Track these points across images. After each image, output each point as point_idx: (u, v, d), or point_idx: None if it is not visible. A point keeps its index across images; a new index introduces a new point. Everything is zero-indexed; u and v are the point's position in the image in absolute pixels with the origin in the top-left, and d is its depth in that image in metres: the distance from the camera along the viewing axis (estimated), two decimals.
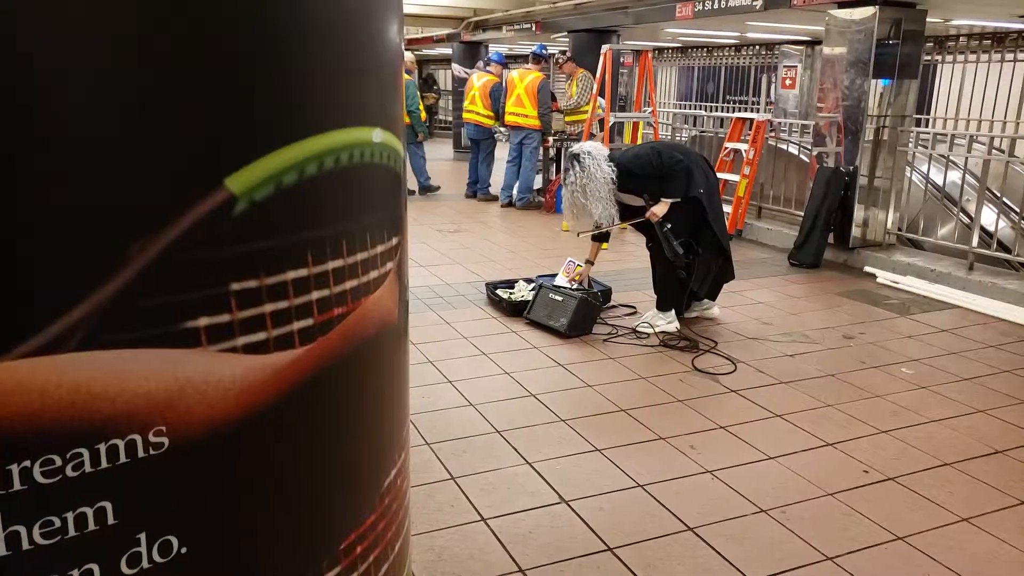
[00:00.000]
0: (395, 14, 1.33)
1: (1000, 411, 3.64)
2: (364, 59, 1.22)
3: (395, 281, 1.36)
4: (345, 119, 1.17)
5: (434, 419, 3.40)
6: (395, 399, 1.45)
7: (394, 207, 1.35)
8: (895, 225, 6.70)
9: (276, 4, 1.06)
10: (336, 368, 1.21)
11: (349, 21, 1.17)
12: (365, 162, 1.21)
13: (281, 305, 1.10)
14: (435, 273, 5.93)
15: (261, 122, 1.06)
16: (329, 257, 1.16)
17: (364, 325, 1.24)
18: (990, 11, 7.99)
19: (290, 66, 1.08)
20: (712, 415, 3.52)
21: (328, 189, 1.15)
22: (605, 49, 7.77)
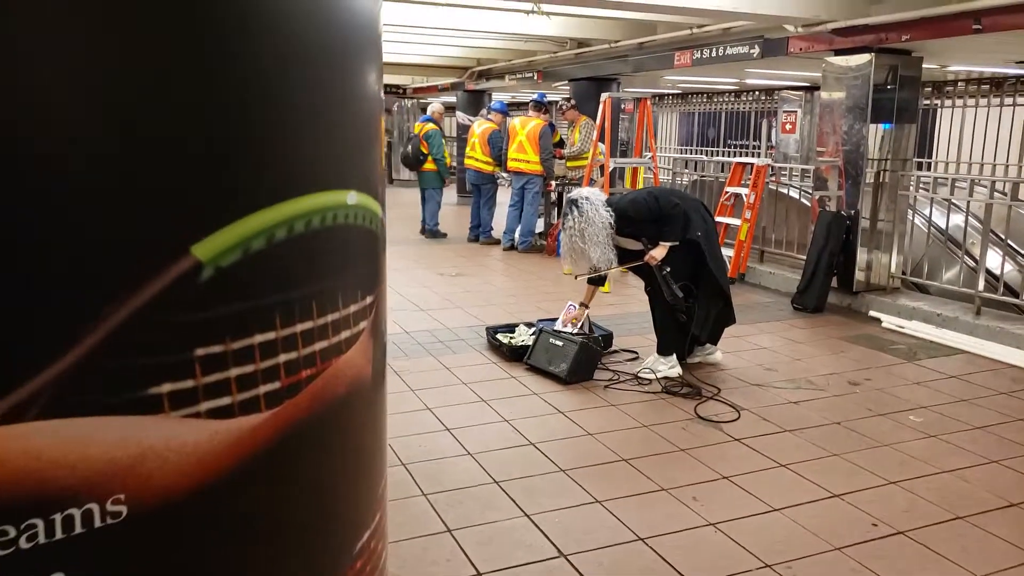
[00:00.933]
0: (372, 65, 1.33)
1: (1014, 461, 3.54)
2: (337, 122, 1.23)
3: (369, 340, 1.34)
4: (317, 183, 1.17)
5: (431, 468, 3.32)
6: (370, 458, 1.41)
7: (369, 266, 1.35)
8: (899, 269, 6.65)
9: (243, 69, 1.06)
10: (305, 430, 1.18)
11: (321, 84, 1.18)
12: (338, 224, 1.22)
13: (247, 369, 1.09)
14: (436, 317, 5.89)
15: (229, 191, 1.06)
16: (298, 319, 1.15)
17: (334, 386, 1.23)
18: (985, 57, 8.06)
19: (259, 134, 1.09)
20: (715, 465, 3.43)
21: (298, 252, 1.15)
22: (605, 97, 7.83)
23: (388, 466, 3.25)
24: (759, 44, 7.22)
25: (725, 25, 7.23)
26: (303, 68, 1.14)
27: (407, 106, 17.98)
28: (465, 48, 10.92)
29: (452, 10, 7.57)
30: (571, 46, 9.77)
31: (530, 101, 9.27)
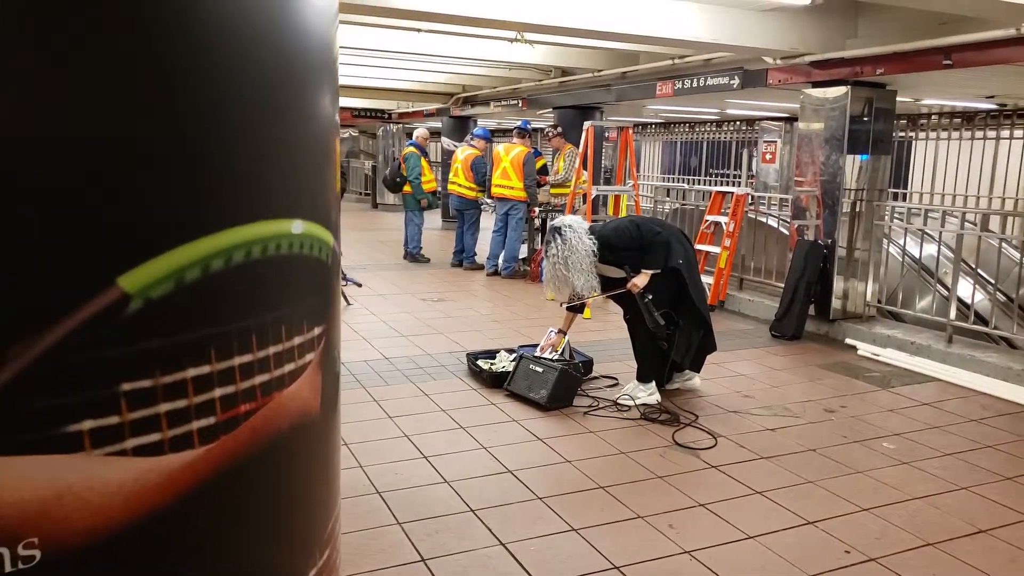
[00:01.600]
0: (325, 87, 1.29)
1: (984, 488, 3.60)
2: (282, 148, 1.19)
3: (317, 373, 1.31)
4: (259, 212, 1.13)
5: (407, 497, 3.32)
6: (318, 494, 1.38)
7: (318, 297, 1.31)
8: (875, 297, 6.75)
9: (174, 91, 1.02)
10: (245, 466, 1.14)
11: (264, 107, 1.14)
12: (282, 254, 1.18)
13: (179, 404, 1.05)
14: (416, 343, 5.90)
15: (160, 220, 1.02)
16: (236, 352, 1.11)
17: (277, 420, 1.19)
18: (956, 92, 8.25)
19: (193, 161, 1.05)
20: (692, 492, 3.46)
21: (237, 283, 1.10)
22: (587, 125, 7.93)
23: (363, 495, 3.26)
24: (739, 75, 7.36)
25: (706, 56, 7.36)
26: (243, 89, 1.09)
27: (392, 131, 18.07)
28: (450, 74, 11.03)
29: (437, 37, 7.66)
30: (555, 74, 9.90)
31: (514, 128, 9.38)
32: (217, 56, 1.07)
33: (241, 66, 1.10)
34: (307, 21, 1.22)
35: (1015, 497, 3.51)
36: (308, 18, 1.22)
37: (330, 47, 1.33)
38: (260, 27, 1.13)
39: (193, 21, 1.03)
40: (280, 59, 1.17)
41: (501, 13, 5.26)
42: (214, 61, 1.06)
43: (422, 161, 10.07)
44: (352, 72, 10.86)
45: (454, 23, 5.90)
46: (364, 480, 3.46)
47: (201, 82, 1.05)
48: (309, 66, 1.24)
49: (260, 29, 1.13)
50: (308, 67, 1.24)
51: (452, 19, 5.45)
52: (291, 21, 1.19)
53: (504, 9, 5.24)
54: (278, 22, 1.16)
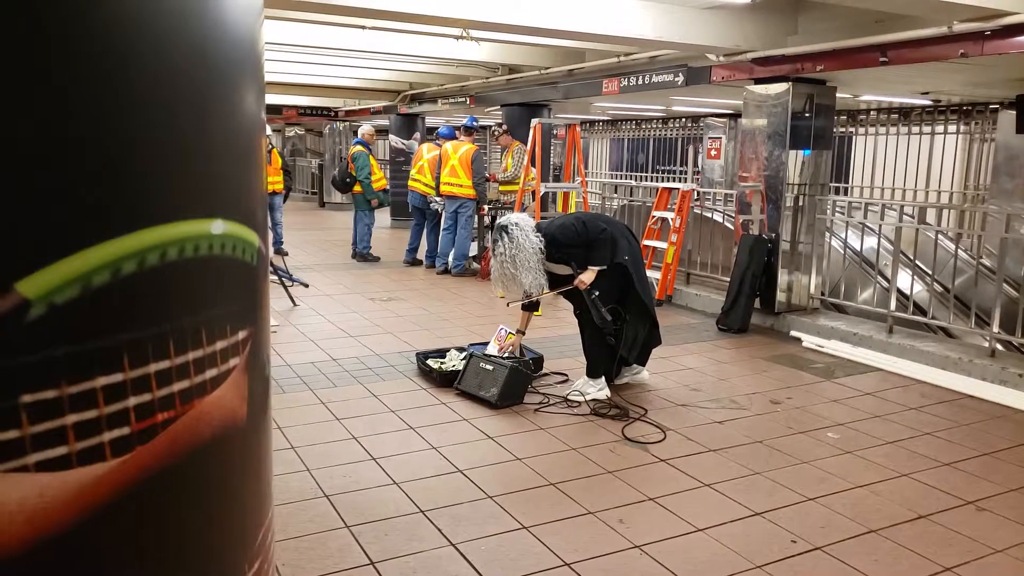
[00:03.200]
0: (249, 81, 1.25)
1: (922, 474, 3.69)
2: (201, 144, 1.14)
3: (243, 377, 1.26)
4: (175, 212, 1.09)
5: (355, 500, 3.26)
6: (246, 503, 1.33)
7: (243, 299, 1.27)
8: (818, 290, 6.89)
9: (81, 81, 0.96)
10: (164, 478, 1.10)
11: (179, 101, 1.09)
12: (201, 256, 1.13)
13: (88, 415, 0.99)
14: (365, 343, 5.82)
15: (64, 221, 0.97)
16: (152, 359, 1.06)
17: (199, 428, 1.14)
18: (893, 88, 8.48)
19: (102, 157, 0.99)
20: (641, 486, 3.47)
21: (150, 287, 1.06)
22: (535, 123, 7.94)
23: (310, 498, 3.20)
24: (683, 72, 7.44)
25: (651, 54, 7.43)
26: (157, 80, 1.04)
27: (339, 128, 17.85)
28: (397, 72, 10.93)
29: (382, 34, 7.57)
30: (502, 72, 9.88)
31: (460, 126, 9.32)
32: (127, 41, 1.01)
33: (154, 53, 1.04)
34: (228, 11, 1.17)
35: (952, 482, 3.61)
36: (230, 8, 1.17)
37: (254, 39, 1.28)
38: (176, 13, 1.08)
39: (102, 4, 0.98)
40: (197, 48, 1.12)
41: (444, 10, 5.21)
42: (124, 46, 1.00)
43: (371, 159, 9.95)
44: (297, 69, 10.68)
45: (397, 20, 5.84)
46: (312, 484, 3.39)
47: (110, 70, 0.99)
48: (230, 58, 1.19)
49: (177, 10, 1.08)
50: (229, 59, 1.19)
51: (395, 16, 5.39)
52: (211, 10, 1.14)
53: (447, 6, 5.20)
54: (196, 10, 1.11)
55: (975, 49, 4.92)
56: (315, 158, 20.42)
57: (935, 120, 10.10)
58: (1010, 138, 8.33)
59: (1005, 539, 3.07)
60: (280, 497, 3.23)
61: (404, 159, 13.95)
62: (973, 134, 10.19)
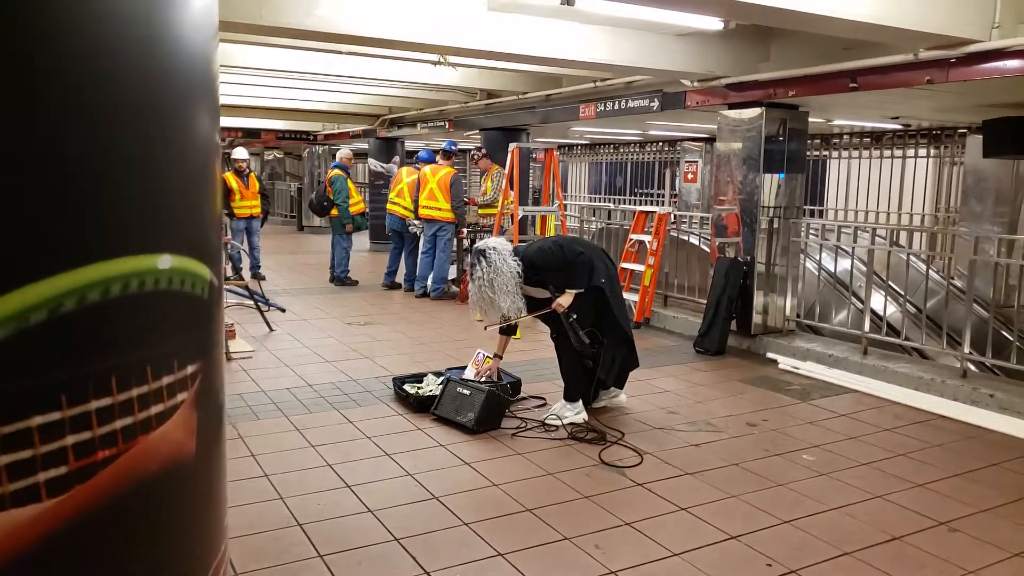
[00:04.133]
0: (203, 109, 1.21)
1: (896, 495, 3.71)
2: (147, 178, 1.11)
3: (192, 412, 1.24)
4: (119, 247, 1.06)
5: (329, 528, 3.23)
6: (194, 538, 1.30)
7: (192, 334, 1.25)
8: (794, 312, 6.95)
9: (23, 118, 0.93)
10: (105, 515, 1.07)
11: (123, 131, 1.06)
12: (147, 291, 1.11)
13: (21, 455, 0.96)
14: (341, 368, 5.78)
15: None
16: (92, 397, 1.04)
17: (144, 465, 1.12)
18: (864, 113, 8.64)
19: (41, 193, 0.96)
20: (618, 511, 3.46)
21: (93, 324, 1.03)
22: (512, 147, 7.99)
23: (283, 527, 3.16)
24: (659, 98, 7.53)
25: (626, 79, 7.51)
26: (103, 117, 1.01)
27: (318, 152, 17.85)
28: (376, 96, 10.97)
29: (360, 59, 7.60)
30: (481, 96, 9.95)
31: (439, 150, 9.36)
32: (65, 69, 0.97)
33: (96, 82, 1.01)
34: (181, 34, 1.15)
35: (925, 503, 3.63)
36: (182, 32, 1.15)
37: (208, 63, 1.26)
38: (125, 39, 1.05)
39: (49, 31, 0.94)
40: (145, 72, 1.08)
41: (419, 36, 5.25)
42: (66, 79, 0.97)
43: (348, 183, 9.94)
44: (276, 94, 10.69)
45: (374, 46, 5.87)
46: (285, 512, 3.35)
47: (50, 99, 0.96)
48: (182, 83, 1.17)
49: (118, 37, 1.04)
50: (180, 84, 1.16)
51: (371, 42, 5.43)
52: (162, 34, 1.12)
53: (422, 32, 5.24)
54: (147, 35, 1.08)
55: (940, 76, 5.03)
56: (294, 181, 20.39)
57: (906, 144, 10.29)
58: (978, 162, 8.50)
59: (977, 560, 3.09)
60: (252, 526, 3.19)
61: (383, 182, 13.96)
62: (943, 158, 10.39)
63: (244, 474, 3.72)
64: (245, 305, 7.50)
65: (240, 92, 10.38)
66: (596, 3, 4.96)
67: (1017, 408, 4.90)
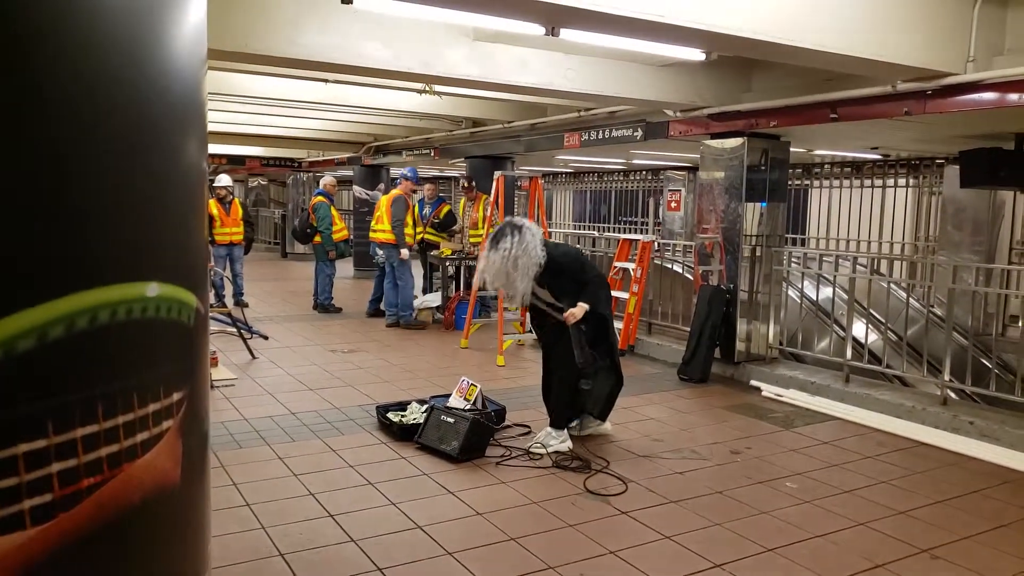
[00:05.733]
0: (191, 136, 1.22)
1: (879, 523, 3.72)
2: (134, 205, 1.12)
3: (177, 440, 1.24)
4: (106, 276, 1.07)
5: (311, 558, 3.19)
6: (178, 568, 1.30)
7: (179, 361, 1.25)
8: (776, 339, 6.99)
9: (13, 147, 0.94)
10: (87, 545, 1.06)
11: (117, 163, 1.07)
12: (134, 319, 1.12)
13: (7, 483, 0.96)
14: (324, 396, 5.74)
15: None
16: (78, 424, 1.04)
17: (127, 493, 1.12)
18: (845, 144, 8.78)
19: (29, 223, 0.97)
20: (602, 540, 3.45)
21: (80, 352, 1.04)
22: (497, 175, 8.04)
23: (265, 557, 3.12)
24: (642, 127, 7.63)
25: (610, 109, 7.60)
26: (92, 144, 1.02)
27: (303, 179, 17.87)
28: (361, 124, 11.02)
29: (345, 87, 7.65)
30: (466, 125, 10.02)
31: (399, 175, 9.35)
32: (65, 108, 0.98)
33: (90, 111, 1.02)
34: (171, 65, 1.16)
35: (907, 530, 3.64)
36: (172, 62, 1.16)
37: (197, 91, 1.27)
38: (106, 64, 1.05)
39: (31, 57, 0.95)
40: (133, 100, 1.09)
41: (406, 66, 5.29)
42: (65, 114, 0.99)
43: (332, 210, 9.95)
44: (260, 121, 10.71)
45: (359, 75, 5.91)
46: (267, 542, 3.31)
47: (38, 128, 0.97)
48: (170, 112, 1.17)
49: (106, 65, 1.05)
50: (168, 113, 1.17)
51: (357, 71, 5.46)
52: (152, 63, 1.12)
53: (409, 62, 5.28)
54: (138, 64, 1.09)
55: (918, 107, 5.13)
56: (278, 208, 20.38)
57: (886, 174, 10.44)
58: (956, 192, 8.64)
59: None
60: (234, 556, 3.14)
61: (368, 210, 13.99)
62: (922, 187, 10.54)
63: (226, 503, 3.68)
64: (228, 332, 7.45)
65: (225, 119, 10.40)
66: (581, 34, 5.03)
67: (997, 435, 4.94)
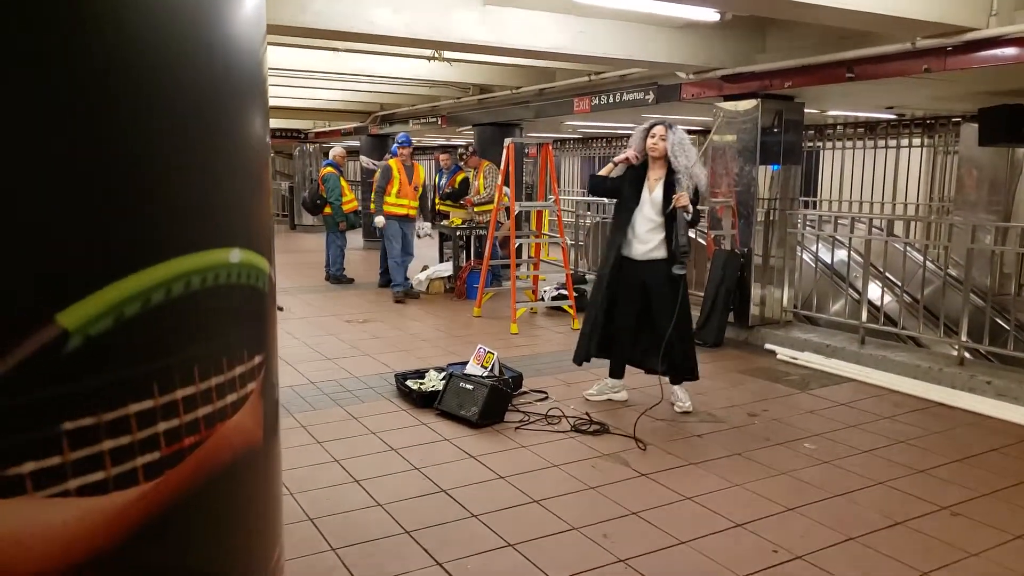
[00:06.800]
0: (258, 111, 1.28)
1: (898, 482, 3.75)
2: (219, 176, 1.17)
3: (258, 401, 1.29)
4: (198, 242, 1.12)
5: (339, 522, 3.24)
6: (264, 523, 1.35)
7: (257, 325, 1.30)
8: (791, 303, 6.98)
9: (110, 121, 1.00)
10: (191, 500, 1.12)
11: (199, 135, 1.12)
12: (220, 284, 1.16)
13: (122, 441, 1.02)
14: (342, 366, 5.79)
15: (98, 253, 1.00)
16: (178, 385, 1.09)
17: (221, 452, 1.17)
18: (859, 103, 8.68)
19: (130, 190, 1.02)
20: (624, 501, 3.49)
21: (177, 316, 1.09)
22: (508, 142, 7.99)
23: (294, 522, 3.17)
24: (654, 90, 7.55)
25: (621, 72, 7.52)
26: (177, 115, 1.08)
27: (309, 150, 17.81)
28: (368, 93, 10.96)
29: (355, 56, 7.59)
30: (474, 92, 9.94)
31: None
32: (153, 78, 1.04)
33: (173, 93, 1.08)
34: (236, 41, 1.20)
35: (927, 489, 3.67)
36: (237, 38, 1.19)
37: (260, 68, 1.31)
38: (190, 46, 1.10)
39: (121, 52, 0.99)
40: (212, 82, 1.15)
41: (417, 32, 5.25)
42: (152, 83, 1.04)
43: (341, 181, 9.93)
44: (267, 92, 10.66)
45: (370, 42, 5.86)
46: (295, 507, 3.36)
47: (134, 109, 1.02)
48: (241, 89, 1.22)
49: (191, 47, 1.10)
50: (240, 90, 1.22)
51: (368, 38, 5.41)
52: (220, 41, 1.16)
53: (420, 28, 5.23)
54: (206, 43, 1.14)
55: (938, 64, 5.06)
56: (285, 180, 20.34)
57: (900, 134, 10.34)
58: (973, 151, 8.55)
59: (979, 543, 3.13)
60: None
61: None
62: (937, 147, 10.44)
63: None
64: None
65: None
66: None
67: (1014, 394, 4.95)
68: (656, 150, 4.57)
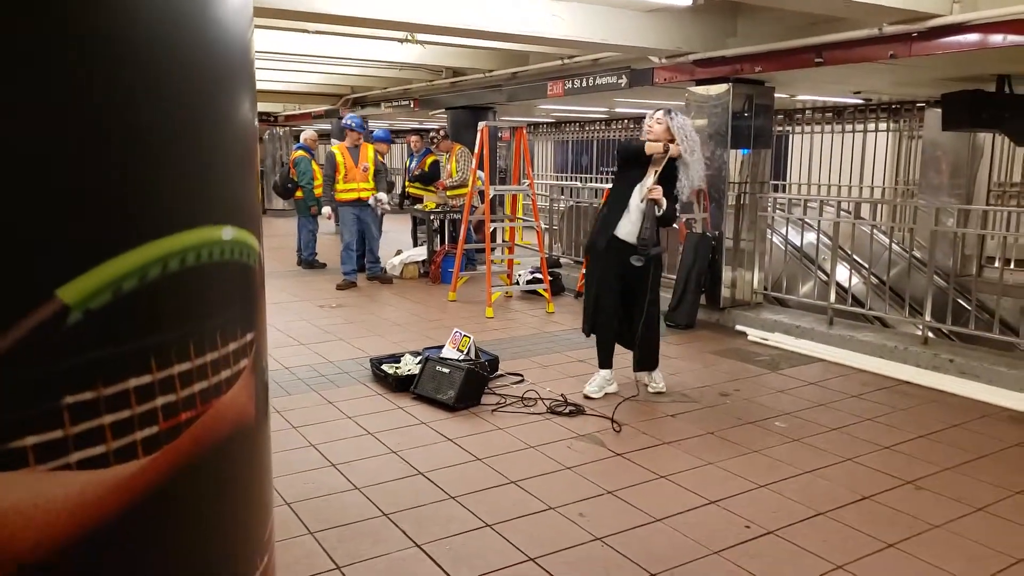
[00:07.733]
0: (246, 91, 1.30)
1: (865, 458, 3.85)
2: (210, 154, 1.19)
3: (251, 377, 1.31)
4: (192, 219, 1.14)
5: (317, 506, 3.26)
6: (254, 501, 1.38)
7: (248, 302, 1.32)
8: (761, 285, 7.09)
9: (107, 97, 1.02)
10: (187, 474, 1.15)
11: (191, 113, 1.15)
12: (214, 261, 1.19)
13: (122, 415, 1.05)
14: (317, 351, 5.78)
15: (97, 228, 1.02)
16: (175, 361, 1.12)
17: (217, 427, 1.19)
18: (828, 88, 8.78)
19: (128, 167, 1.05)
20: (599, 480, 3.55)
21: (173, 292, 1.11)
22: (481, 125, 7.98)
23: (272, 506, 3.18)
24: (627, 74, 7.58)
25: (594, 56, 7.54)
26: (170, 94, 1.10)
27: (279, 134, 17.61)
28: (339, 75, 10.85)
29: (325, 38, 7.52)
30: (447, 75, 9.90)
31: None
32: (147, 57, 1.06)
33: (168, 71, 1.10)
34: (226, 22, 1.22)
35: (892, 464, 3.78)
36: (227, 19, 1.21)
37: (247, 46, 1.33)
38: (183, 25, 1.12)
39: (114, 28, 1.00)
40: (206, 60, 1.17)
41: (389, 14, 5.22)
42: (146, 62, 1.06)
43: (312, 164, 9.84)
44: None
45: (343, 24, 5.81)
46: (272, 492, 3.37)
47: (131, 85, 1.04)
48: (232, 68, 1.24)
49: (183, 26, 1.12)
50: (231, 69, 1.24)
51: (341, 20, 5.37)
52: (212, 22, 1.18)
53: (392, 9, 5.20)
54: (200, 23, 1.15)
55: (903, 50, 5.15)
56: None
57: (867, 118, 10.49)
58: (937, 135, 8.71)
59: (942, 515, 3.24)
60: None
61: None
62: (902, 131, 10.61)
63: None
64: None
65: None
66: None
67: (975, 372, 5.09)
68: (651, 132, 4.61)
